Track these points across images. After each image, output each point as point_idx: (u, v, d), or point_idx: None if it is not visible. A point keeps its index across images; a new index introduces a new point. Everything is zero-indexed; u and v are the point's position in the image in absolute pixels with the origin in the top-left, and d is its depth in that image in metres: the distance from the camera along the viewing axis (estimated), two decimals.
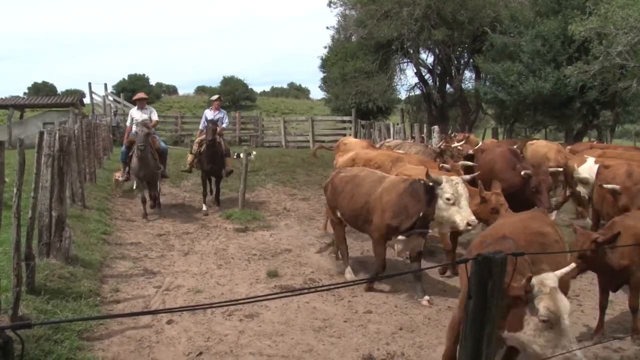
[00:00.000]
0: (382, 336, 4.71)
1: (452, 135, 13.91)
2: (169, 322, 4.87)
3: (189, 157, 10.84)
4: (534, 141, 12.51)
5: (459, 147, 10.20)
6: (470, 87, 24.78)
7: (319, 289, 5.53)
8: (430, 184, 5.35)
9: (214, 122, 10.24)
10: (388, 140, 11.82)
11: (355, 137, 23.09)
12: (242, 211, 9.76)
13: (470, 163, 8.60)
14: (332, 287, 6.05)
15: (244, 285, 6.11)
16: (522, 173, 7.20)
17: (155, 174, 9.51)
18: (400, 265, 7.04)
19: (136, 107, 10.49)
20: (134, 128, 9.94)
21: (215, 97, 11.27)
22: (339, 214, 6.48)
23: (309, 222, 9.48)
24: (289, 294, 5.07)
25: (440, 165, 7.67)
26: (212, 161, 10.09)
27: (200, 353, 4.32)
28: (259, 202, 11.27)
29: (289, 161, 17.77)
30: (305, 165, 16.76)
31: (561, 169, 8.93)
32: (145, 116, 10.11)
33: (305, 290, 5.46)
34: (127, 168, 9.93)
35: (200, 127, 10.86)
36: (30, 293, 4.76)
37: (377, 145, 11.28)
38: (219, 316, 5.08)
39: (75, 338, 4.25)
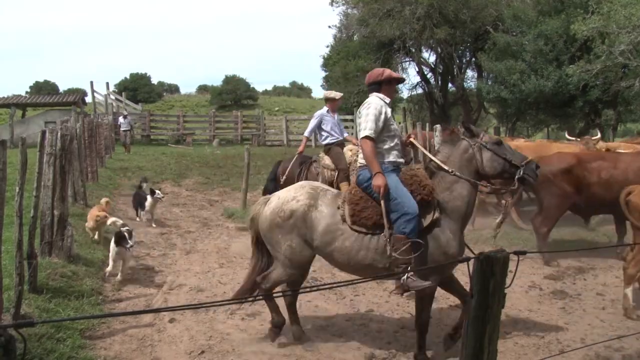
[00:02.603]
0: (384, 335, 4.71)
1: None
2: (171, 320, 4.89)
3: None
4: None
5: None
6: (473, 86, 24.76)
7: (320, 287, 5.51)
8: None
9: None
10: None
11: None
12: (244, 210, 9.77)
13: None
14: (334, 285, 6.03)
15: None
16: None
17: None
18: None
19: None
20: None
21: (336, 94, 7.76)
22: None
23: None
24: (291, 292, 5.05)
25: None
26: None
27: (203, 352, 4.32)
28: None
29: None
30: None
31: None
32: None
33: (307, 289, 5.46)
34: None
35: (306, 134, 7.87)
36: (33, 292, 4.77)
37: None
38: (221, 315, 5.09)
39: (78, 336, 4.26)
